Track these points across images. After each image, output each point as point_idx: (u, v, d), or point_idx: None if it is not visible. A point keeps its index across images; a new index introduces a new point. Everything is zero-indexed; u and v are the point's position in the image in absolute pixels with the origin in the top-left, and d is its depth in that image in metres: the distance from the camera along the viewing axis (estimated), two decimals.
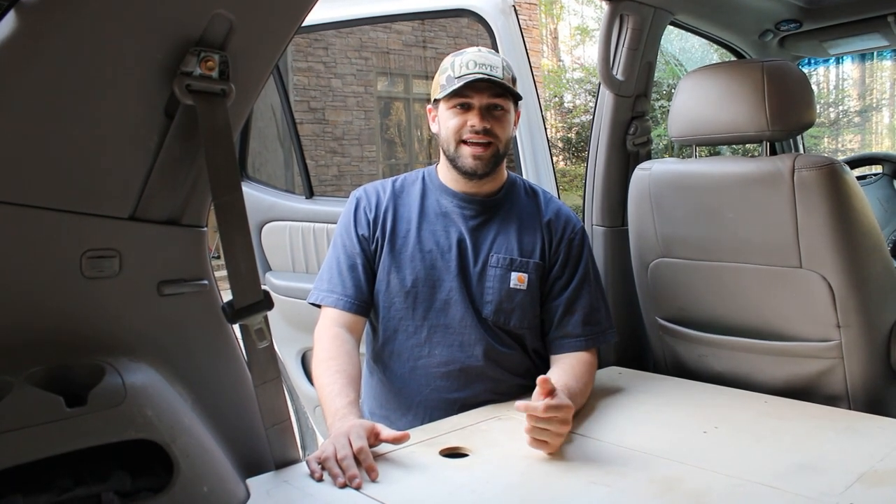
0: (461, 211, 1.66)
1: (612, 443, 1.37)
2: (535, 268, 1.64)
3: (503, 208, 1.68)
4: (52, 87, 0.97)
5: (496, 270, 1.62)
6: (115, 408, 1.00)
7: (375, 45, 9.81)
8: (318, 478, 1.21)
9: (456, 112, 1.59)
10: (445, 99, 1.59)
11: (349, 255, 1.66)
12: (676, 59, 9.46)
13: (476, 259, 1.63)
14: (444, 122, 1.61)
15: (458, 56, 1.61)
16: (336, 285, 1.64)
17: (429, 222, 1.66)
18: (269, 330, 1.19)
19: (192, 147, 1.11)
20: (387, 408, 1.68)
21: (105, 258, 1.07)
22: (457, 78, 1.56)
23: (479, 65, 1.57)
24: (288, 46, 1.22)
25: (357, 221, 1.67)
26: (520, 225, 1.67)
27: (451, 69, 1.59)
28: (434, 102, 1.66)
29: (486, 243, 1.64)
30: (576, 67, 14.79)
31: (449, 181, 1.68)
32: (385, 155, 10.49)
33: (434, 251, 1.63)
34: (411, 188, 1.71)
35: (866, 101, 12.75)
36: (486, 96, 1.57)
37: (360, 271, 1.64)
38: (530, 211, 1.69)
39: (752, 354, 1.79)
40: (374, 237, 1.66)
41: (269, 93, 2.74)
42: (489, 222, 1.66)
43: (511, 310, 1.62)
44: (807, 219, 1.59)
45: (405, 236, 1.65)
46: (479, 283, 1.62)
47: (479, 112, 1.57)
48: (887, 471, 1.19)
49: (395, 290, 1.63)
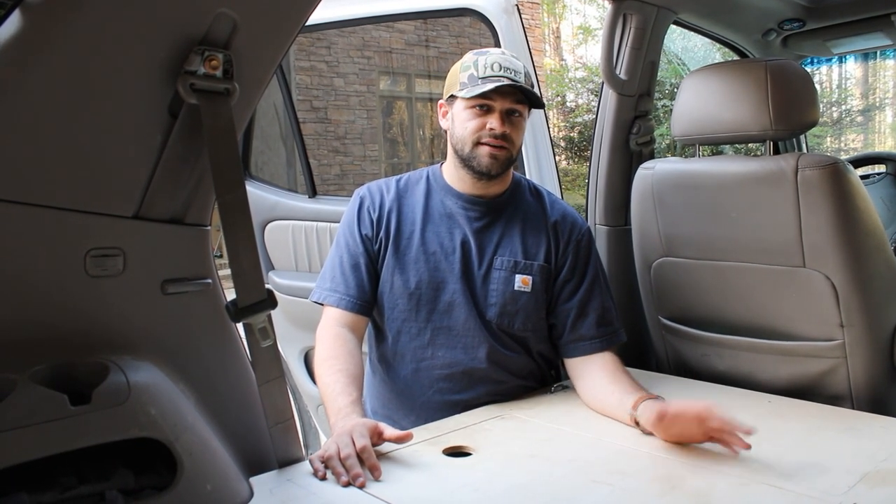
0: (466, 213, 1.65)
1: (614, 442, 1.37)
2: (539, 270, 1.63)
3: (508, 210, 1.67)
4: (56, 86, 0.98)
5: (500, 273, 1.62)
6: (119, 406, 1.00)
7: (378, 44, 9.81)
8: (321, 476, 1.22)
9: (476, 113, 1.56)
10: (466, 98, 1.55)
11: (352, 254, 1.65)
12: (679, 59, 9.45)
13: (481, 261, 1.62)
14: (463, 121, 1.58)
15: (481, 55, 1.58)
16: (339, 284, 1.63)
17: (433, 223, 1.65)
18: (273, 329, 1.19)
19: (195, 146, 1.11)
20: (389, 408, 1.68)
21: (109, 257, 1.07)
22: (481, 78, 1.53)
23: (504, 68, 1.54)
24: (291, 46, 1.22)
25: (361, 221, 1.66)
26: (524, 227, 1.65)
27: (475, 68, 1.55)
28: (450, 98, 1.62)
29: (491, 245, 1.63)
30: (578, 66, 14.79)
31: (455, 182, 1.67)
32: (387, 154, 10.49)
33: (438, 253, 1.62)
34: (415, 188, 1.70)
35: (869, 101, 12.72)
36: (508, 101, 1.55)
37: (363, 271, 1.64)
38: (535, 212, 1.68)
39: (755, 354, 1.78)
40: (377, 237, 1.65)
41: (271, 92, 2.74)
42: (494, 224, 1.65)
43: (515, 312, 1.62)
44: (810, 218, 1.59)
45: (409, 237, 1.64)
46: (483, 285, 1.62)
47: (500, 116, 1.55)
48: (890, 470, 1.19)
49: (399, 292, 1.63)
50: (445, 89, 1.64)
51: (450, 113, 1.63)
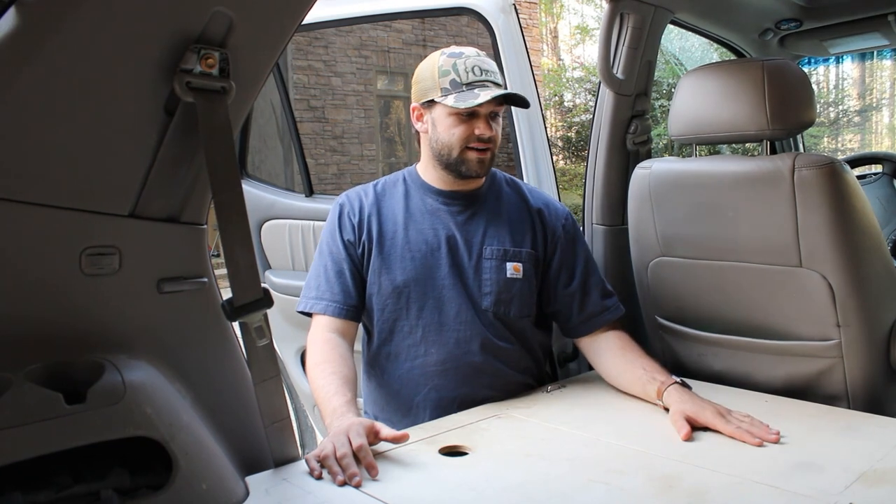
0: (448, 208, 1.67)
1: (611, 441, 1.37)
2: (528, 257, 1.66)
3: (489, 200, 1.69)
4: (51, 84, 0.97)
5: (492, 262, 1.63)
6: (115, 405, 1.00)
7: (375, 43, 9.81)
8: (317, 476, 1.21)
9: (461, 119, 1.57)
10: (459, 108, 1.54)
11: (336, 260, 1.65)
12: (676, 58, 9.47)
13: (470, 253, 1.64)
14: (448, 127, 1.58)
15: (458, 58, 1.58)
16: (324, 292, 1.63)
17: (415, 222, 1.66)
18: (269, 328, 1.19)
19: (191, 145, 1.11)
20: (387, 411, 1.68)
21: (105, 255, 1.07)
22: (465, 84, 1.54)
23: (484, 71, 1.56)
24: (288, 44, 1.22)
25: (342, 227, 1.67)
26: (508, 216, 1.69)
27: (456, 73, 1.55)
28: (427, 102, 1.61)
29: (478, 236, 1.65)
30: (576, 66, 14.81)
31: (433, 180, 1.68)
32: (385, 153, 10.49)
33: (423, 249, 1.63)
34: (393, 190, 1.71)
35: (866, 101, 12.76)
36: (492, 105, 1.57)
37: (348, 276, 1.64)
38: (516, 201, 1.72)
39: (752, 353, 1.78)
40: (360, 241, 1.66)
41: (268, 91, 2.74)
42: (477, 215, 1.67)
43: (510, 299, 1.63)
44: (807, 218, 1.59)
45: (392, 237, 1.65)
46: (475, 276, 1.63)
47: (485, 120, 1.57)
48: (887, 470, 1.19)
49: (387, 292, 1.63)
50: (419, 92, 1.62)
51: (427, 117, 1.63)
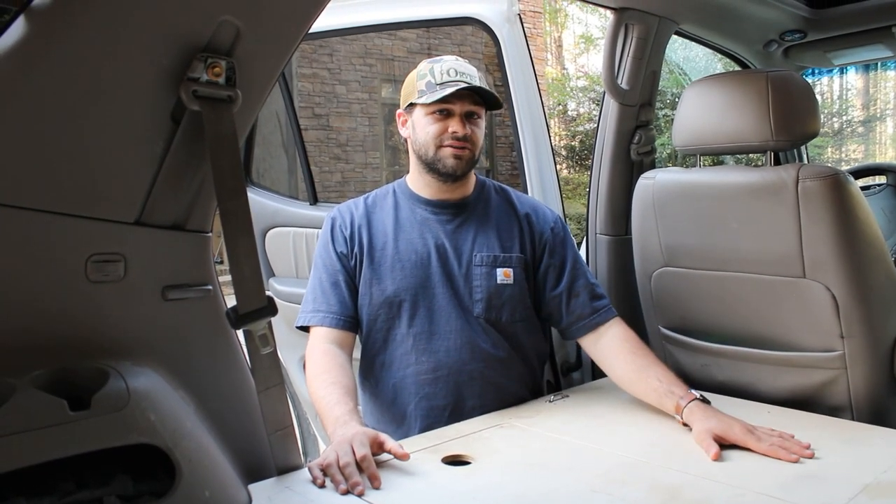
0: (437, 217, 1.68)
1: (613, 451, 1.37)
2: (518, 261, 1.67)
3: (478, 209, 1.71)
4: (59, 92, 0.98)
5: (481, 269, 1.64)
6: (119, 412, 1.00)
7: (380, 51, 9.83)
8: (319, 484, 1.21)
9: (437, 118, 1.61)
10: (426, 105, 1.60)
11: (330, 273, 1.67)
12: (680, 69, 9.47)
13: (460, 261, 1.65)
14: (424, 126, 1.62)
15: (436, 63, 1.63)
16: (321, 304, 1.64)
17: (405, 232, 1.67)
18: (273, 336, 1.19)
19: (197, 152, 1.11)
20: (382, 422, 1.68)
21: (110, 262, 1.07)
22: (438, 84, 1.58)
23: (459, 73, 1.60)
24: (294, 53, 1.23)
25: (334, 239, 1.69)
26: (497, 222, 1.70)
27: (431, 76, 1.61)
28: (408, 107, 1.67)
29: (468, 244, 1.66)
30: (580, 76, 14.83)
31: (421, 189, 1.70)
32: (389, 161, 10.50)
33: (413, 259, 1.64)
34: (383, 202, 1.74)
35: (870, 112, 12.75)
36: (466, 104, 1.60)
37: (343, 287, 1.65)
38: (504, 207, 1.73)
39: (755, 364, 1.78)
40: (352, 253, 1.67)
41: (273, 99, 2.75)
42: (466, 224, 1.68)
43: (501, 305, 1.64)
44: (810, 229, 1.59)
45: (382, 248, 1.66)
46: (466, 283, 1.64)
47: (460, 119, 1.60)
48: (891, 482, 1.19)
49: (379, 302, 1.64)
50: (403, 99, 1.69)
51: (409, 121, 1.68)
